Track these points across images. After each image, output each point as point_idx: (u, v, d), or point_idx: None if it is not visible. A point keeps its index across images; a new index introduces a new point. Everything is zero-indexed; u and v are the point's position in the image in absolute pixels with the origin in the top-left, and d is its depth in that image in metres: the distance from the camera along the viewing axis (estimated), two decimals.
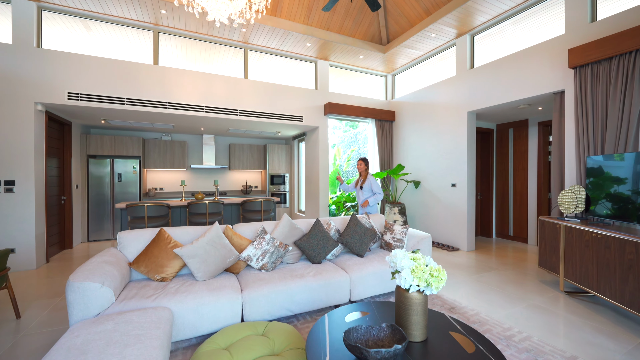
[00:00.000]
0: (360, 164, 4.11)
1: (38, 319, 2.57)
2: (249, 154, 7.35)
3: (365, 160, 4.13)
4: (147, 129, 6.23)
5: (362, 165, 4.10)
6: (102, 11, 4.28)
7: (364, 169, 4.11)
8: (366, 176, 4.10)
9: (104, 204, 5.77)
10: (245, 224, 3.00)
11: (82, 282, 1.84)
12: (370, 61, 6.08)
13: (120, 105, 4.38)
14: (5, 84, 3.85)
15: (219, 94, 5.01)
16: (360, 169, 4.13)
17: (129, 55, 4.93)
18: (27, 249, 3.92)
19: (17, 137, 3.89)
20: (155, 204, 3.90)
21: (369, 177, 4.08)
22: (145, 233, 2.60)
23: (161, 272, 2.41)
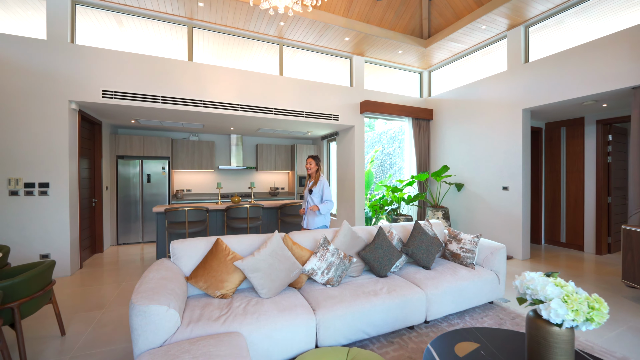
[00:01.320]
0: (309, 163, 3.32)
1: (84, 337, 2.34)
2: (277, 155, 7.10)
3: (317, 158, 3.36)
4: (176, 128, 6.04)
5: (312, 163, 3.32)
6: (136, 4, 4.08)
7: (314, 169, 3.33)
8: (317, 178, 3.31)
9: (133, 206, 5.60)
10: (302, 233, 2.72)
11: (148, 306, 1.58)
12: (408, 56, 5.74)
13: (154, 103, 4.17)
14: (40, 81, 3.67)
15: (254, 92, 4.77)
16: (310, 168, 3.33)
17: (161, 51, 4.74)
18: (62, 255, 3.74)
19: (51, 137, 3.71)
20: (194, 208, 3.66)
21: (320, 180, 3.30)
22: (199, 243, 2.34)
23: (221, 287, 2.14)
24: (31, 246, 3.63)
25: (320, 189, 3.24)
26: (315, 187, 3.26)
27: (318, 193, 3.25)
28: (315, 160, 3.32)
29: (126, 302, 3.00)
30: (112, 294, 3.22)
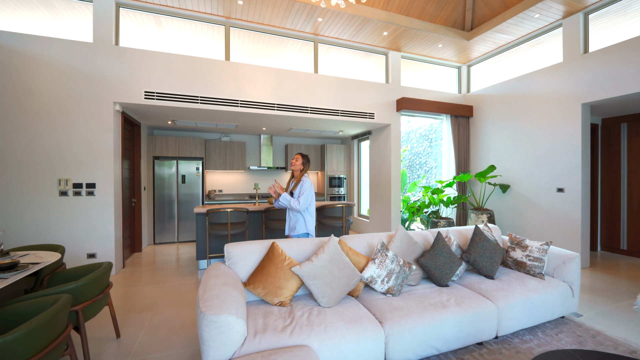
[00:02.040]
0: (296, 159, 2.96)
1: (138, 341, 2.30)
2: (309, 154, 6.99)
3: (306, 157, 2.99)
4: (209, 129, 6.07)
5: (298, 160, 2.95)
6: (177, 5, 4.09)
7: (298, 168, 2.95)
8: (300, 179, 2.92)
9: (168, 206, 5.67)
10: (353, 237, 2.57)
11: (219, 315, 1.48)
12: (447, 51, 5.46)
13: (193, 104, 4.17)
14: (87, 83, 3.74)
15: (289, 90, 4.67)
16: (294, 164, 2.96)
17: (198, 51, 4.75)
18: (107, 254, 3.80)
19: (97, 139, 3.77)
20: (236, 210, 3.61)
21: (302, 181, 2.89)
22: (254, 246, 2.25)
23: (279, 294, 2.03)
24: (79, 245, 3.70)
25: (299, 190, 2.86)
26: (295, 190, 2.90)
27: (297, 195, 2.88)
28: (303, 159, 2.95)
29: (173, 304, 2.98)
30: (158, 295, 3.22)
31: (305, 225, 2.92)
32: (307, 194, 2.83)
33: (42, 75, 3.58)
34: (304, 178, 2.90)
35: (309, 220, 2.94)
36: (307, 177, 2.91)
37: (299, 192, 2.86)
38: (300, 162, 2.94)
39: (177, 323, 2.58)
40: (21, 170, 3.50)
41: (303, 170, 2.95)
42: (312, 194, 2.92)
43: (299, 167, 2.95)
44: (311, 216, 2.95)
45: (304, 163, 2.95)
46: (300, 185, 2.87)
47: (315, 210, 3.01)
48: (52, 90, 3.61)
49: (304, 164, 2.95)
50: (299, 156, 2.95)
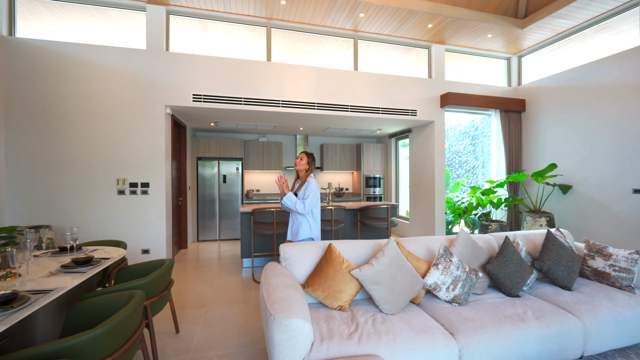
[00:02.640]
0: (300, 158, 2.74)
1: (196, 337, 2.34)
2: (342, 154, 6.91)
3: (311, 155, 2.76)
4: (248, 130, 6.18)
5: (303, 159, 2.73)
6: (222, 9, 4.18)
7: (303, 167, 2.73)
8: (306, 179, 2.71)
9: (210, 205, 5.85)
10: (411, 240, 2.43)
11: (289, 320, 1.44)
12: (497, 41, 5.09)
13: (237, 105, 4.24)
14: (141, 88, 3.93)
15: (329, 89, 4.61)
16: (299, 164, 2.74)
17: (240, 53, 4.84)
18: (159, 250, 3.97)
19: (151, 140, 3.95)
20: (281, 209, 3.61)
21: (307, 181, 2.69)
22: (310, 247, 2.20)
23: (339, 298, 1.96)
24: (135, 241, 3.90)
25: (304, 192, 2.64)
26: (300, 190, 2.69)
27: (301, 196, 2.66)
28: (309, 158, 2.73)
29: (223, 301, 3.02)
30: (208, 291, 3.29)
31: (310, 229, 2.68)
32: (313, 196, 2.61)
33: (102, 82, 3.82)
34: (309, 179, 2.68)
35: (314, 224, 2.70)
36: (312, 178, 2.72)
37: (304, 194, 2.64)
38: (305, 161, 2.71)
39: (230, 321, 2.60)
40: (85, 170, 3.76)
41: (308, 170, 2.72)
42: (318, 196, 2.70)
43: (303, 166, 2.71)
44: (315, 220, 2.72)
45: (309, 162, 2.72)
46: (306, 186, 2.65)
47: (320, 214, 2.79)
48: (110, 96, 3.84)
49: (309, 163, 2.72)
50: (303, 155, 2.72)
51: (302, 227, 2.68)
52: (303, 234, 2.66)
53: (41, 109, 3.64)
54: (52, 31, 4.08)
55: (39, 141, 3.64)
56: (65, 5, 3.88)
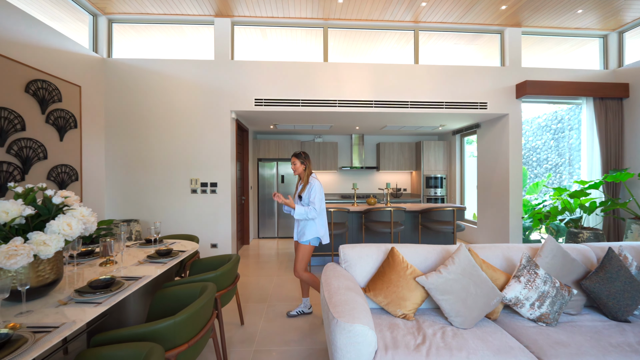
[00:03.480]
0: (293, 162, 2.66)
1: (259, 330, 2.45)
2: (400, 153, 6.62)
3: (300, 155, 2.65)
4: (305, 131, 6.32)
5: (295, 163, 2.65)
6: (282, 15, 4.32)
7: (300, 169, 2.65)
8: (307, 180, 2.63)
9: (269, 204, 6.13)
10: (485, 247, 2.17)
11: (353, 325, 1.38)
12: (590, 16, 4.30)
13: (295, 107, 4.34)
14: (210, 96, 4.29)
15: (387, 85, 4.43)
16: (296, 169, 2.66)
17: (298, 56, 4.97)
18: (226, 245, 4.28)
19: (218, 144, 4.29)
20: (338, 209, 3.59)
21: (310, 182, 2.62)
22: (371, 250, 2.11)
23: (403, 306, 1.83)
24: (204, 236, 4.27)
25: (308, 194, 2.60)
26: (304, 192, 2.62)
27: (306, 199, 2.61)
28: (300, 159, 2.65)
29: (283, 298, 3.10)
30: (268, 287, 3.42)
31: (316, 229, 2.62)
32: (319, 196, 2.59)
33: (178, 92, 4.27)
34: (311, 180, 2.65)
35: (320, 222, 2.64)
36: (314, 178, 2.68)
37: (308, 195, 2.60)
38: (298, 163, 2.65)
39: (290, 319, 2.65)
40: (165, 171, 4.25)
41: (307, 169, 2.67)
42: (323, 195, 2.66)
43: (300, 168, 2.66)
44: (322, 219, 2.66)
45: (303, 162, 2.65)
46: (309, 188, 2.62)
47: (326, 213, 2.74)
48: (185, 104, 4.27)
49: (303, 163, 2.66)
50: (294, 159, 2.66)
51: (308, 226, 2.62)
52: (309, 234, 2.61)
53: (131, 119, 4.23)
54: (137, 48, 4.69)
55: (130, 146, 4.23)
56: (149, 26, 4.44)
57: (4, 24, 2.82)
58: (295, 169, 2.67)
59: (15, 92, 2.87)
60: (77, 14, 3.98)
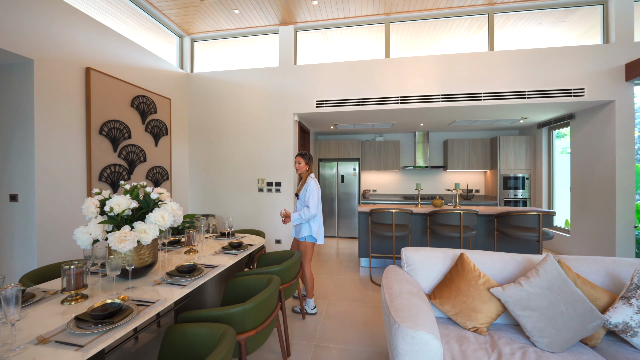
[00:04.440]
0: (297, 162, 2.78)
1: (320, 325, 2.50)
2: (471, 151, 6.03)
3: (306, 156, 2.78)
4: (365, 130, 6.25)
5: (300, 162, 2.77)
6: (342, 15, 4.35)
7: (303, 169, 2.77)
8: (306, 179, 2.75)
9: (329, 203, 6.23)
10: (580, 259, 1.83)
11: (416, 331, 1.31)
12: None
13: (355, 106, 4.32)
14: (275, 100, 4.56)
15: (457, 77, 4.08)
16: (300, 168, 2.78)
17: (358, 55, 4.93)
18: (289, 241, 4.50)
19: (282, 145, 4.53)
20: (400, 211, 3.45)
21: (307, 182, 2.73)
22: (436, 255, 1.98)
23: (473, 318, 1.67)
24: (269, 231, 4.56)
25: (304, 193, 2.71)
26: (301, 191, 2.75)
27: (303, 197, 2.73)
28: (305, 159, 2.78)
29: (342, 297, 3.12)
30: (328, 285, 3.48)
31: (309, 227, 2.72)
32: (315, 195, 2.68)
33: (247, 98, 4.65)
34: (309, 180, 2.75)
35: (314, 222, 2.73)
36: (312, 178, 2.78)
37: (305, 194, 2.72)
38: (302, 163, 2.78)
39: (350, 318, 2.65)
40: (236, 171, 4.67)
41: (309, 170, 2.81)
42: (319, 195, 2.75)
43: (303, 167, 2.79)
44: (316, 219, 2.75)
45: (307, 162, 2.80)
46: (305, 187, 2.72)
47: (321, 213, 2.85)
48: (253, 109, 4.62)
49: (307, 163, 2.80)
50: (299, 158, 2.79)
51: (303, 225, 2.74)
52: (304, 231, 2.73)
53: (209, 125, 4.76)
54: (213, 61, 5.23)
55: (207, 149, 4.76)
56: (223, 41, 4.93)
57: (118, 52, 3.46)
58: (300, 167, 2.80)
59: (124, 106, 3.50)
60: (168, 37, 4.65)
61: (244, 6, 4.09)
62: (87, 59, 3.08)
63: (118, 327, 1.16)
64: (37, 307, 1.34)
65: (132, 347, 2.21)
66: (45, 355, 0.99)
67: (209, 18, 4.38)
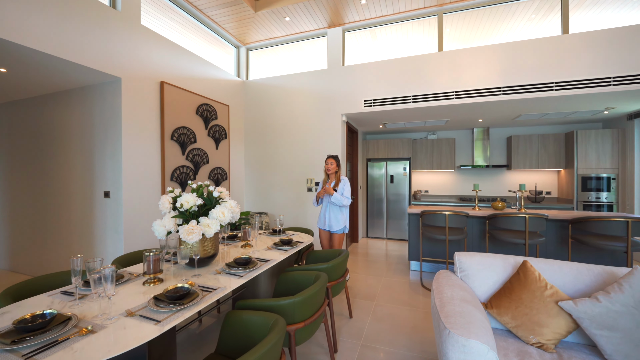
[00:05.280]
0: (331, 164, 3.20)
1: (367, 326, 2.50)
2: (541, 148, 5.38)
3: (337, 158, 3.25)
4: (416, 129, 6.01)
5: (333, 164, 3.20)
6: (392, 12, 4.26)
7: (334, 170, 3.20)
8: (339, 178, 3.22)
9: (378, 204, 6.13)
10: None
11: (468, 340, 1.24)
12: None
13: (405, 104, 4.19)
14: (323, 102, 4.65)
15: (523, 66, 3.70)
16: (331, 169, 3.20)
17: (408, 51, 4.76)
18: None
19: (331, 146, 4.60)
20: (455, 213, 3.26)
21: (342, 180, 3.21)
22: (495, 261, 1.84)
23: (538, 333, 1.51)
24: (317, 231, 4.65)
25: (342, 188, 3.19)
26: (338, 187, 3.19)
27: (341, 191, 3.18)
28: (337, 161, 3.25)
29: (391, 300, 3.06)
30: (376, 286, 3.44)
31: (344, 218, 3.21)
32: (349, 189, 3.19)
33: (297, 102, 4.82)
34: (343, 178, 3.24)
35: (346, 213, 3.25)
36: (344, 176, 3.30)
37: (342, 190, 3.16)
38: (335, 164, 3.21)
39: (398, 321, 2.59)
40: (287, 171, 4.88)
41: (338, 171, 3.23)
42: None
43: (334, 168, 3.21)
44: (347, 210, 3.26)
45: (339, 164, 3.25)
46: (343, 184, 3.19)
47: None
48: (302, 112, 4.78)
49: (339, 165, 3.25)
50: (332, 160, 3.22)
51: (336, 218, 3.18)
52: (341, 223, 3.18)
53: (262, 128, 5.06)
54: (266, 67, 5.52)
55: (261, 151, 5.07)
56: (274, 47, 5.19)
57: (186, 66, 3.89)
58: (332, 168, 3.21)
59: (191, 114, 3.92)
60: (226, 49, 5.07)
61: (294, 13, 4.27)
62: (162, 74, 3.53)
63: (187, 307, 1.33)
64: (125, 286, 1.60)
65: (196, 329, 2.48)
66: (132, 326, 1.19)
67: (262, 28, 4.65)
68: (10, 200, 4.01)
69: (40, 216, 3.72)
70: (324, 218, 3.26)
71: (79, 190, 3.37)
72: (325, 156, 4.59)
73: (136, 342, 1.08)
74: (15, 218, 3.96)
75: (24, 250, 3.89)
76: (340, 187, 3.17)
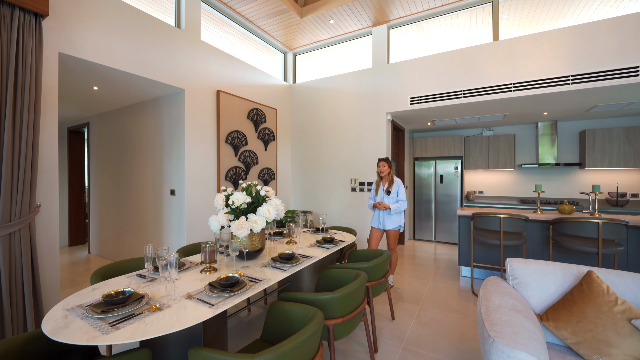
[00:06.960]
0: (383, 166, 3.30)
1: (409, 330, 2.45)
2: (624, 142, 4.63)
3: (389, 160, 3.35)
4: (470, 125, 5.62)
5: (385, 166, 3.30)
6: (440, 3, 4.06)
7: (387, 172, 3.30)
8: (392, 180, 3.31)
9: (426, 205, 5.87)
10: None
11: (513, 350, 1.17)
12: None
13: (456, 99, 3.97)
14: (368, 101, 4.63)
15: (601, 50, 3.24)
16: (384, 171, 3.30)
17: (459, 43, 4.48)
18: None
19: (375, 145, 4.56)
20: (511, 216, 2.99)
21: (395, 181, 3.31)
22: (551, 269, 1.68)
23: (605, 353, 1.34)
24: (361, 230, 4.66)
25: (397, 190, 3.28)
26: (392, 188, 3.28)
27: (395, 194, 3.27)
28: (388, 163, 3.33)
29: (436, 305, 2.94)
30: (422, 291, 3.33)
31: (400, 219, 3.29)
32: (403, 191, 3.27)
33: (342, 102, 4.88)
34: (396, 180, 3.31)
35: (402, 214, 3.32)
36: (397, 178, 3.35)
37: (397, 191, 3.27)
38: (387, 167, 3.30)
39: (443, 327, 2.49)
40: (331, 171, 4.97)
41: (390, 173, 3.32)
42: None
43: (387, 170, 3.30)
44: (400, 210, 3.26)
45: (390, 166, 3.33)
46: (396, 186, 3.28)
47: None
48: (347, 112, 4.82)
49: (390, 167, 3.33)
50: (384, 163, 3.30)
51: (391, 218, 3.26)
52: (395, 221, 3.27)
53: (308, 129, 5.22)
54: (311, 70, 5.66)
55: (306, 151, 5.23)
56: (320, 50, 5.31)
57: (238, 74, 4.21)
58: (384, 171, 3.31)
59: (242, 119, 4.23)
60: (274, 55, 5.33)
61: (338, 16, 4.33)
62: (218, 83, 3.88)
63: (236, 295, 1.48)
64: (186, 273, 1.83)
65: (246, 317, 2.69)
66: (191, 307, 1.37)
67: (308, 32, 4.80)
68: (100, 197, 4.77)
69: (122, 211, 4.36)
70: (378, 219, 3.36)
71: (151, 188, 3.89)
72: (369, 156, 4.59)
73: (194, 321, 1.25)
74: (104, 212, 4.71)
75: (109, 238, 4.61)
76: (394, 189, 3.29)
